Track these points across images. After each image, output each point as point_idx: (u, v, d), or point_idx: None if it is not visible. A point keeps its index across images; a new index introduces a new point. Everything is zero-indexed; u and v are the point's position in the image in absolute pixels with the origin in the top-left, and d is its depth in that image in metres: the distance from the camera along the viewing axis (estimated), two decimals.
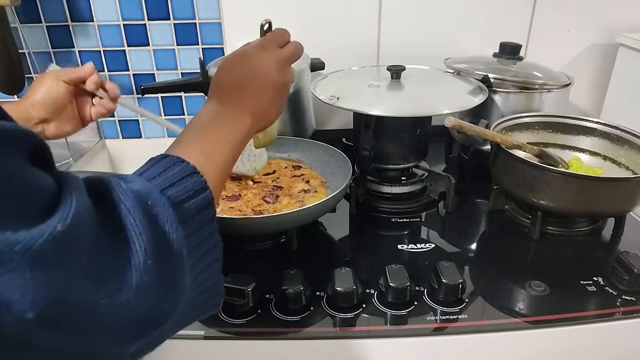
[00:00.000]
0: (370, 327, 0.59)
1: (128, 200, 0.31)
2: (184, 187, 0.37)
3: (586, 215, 0.78)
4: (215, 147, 0.45)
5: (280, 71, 0.54)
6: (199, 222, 0.37)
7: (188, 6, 1.04)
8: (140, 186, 0.33)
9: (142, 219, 0.31)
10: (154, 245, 0.31)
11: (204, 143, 0.45)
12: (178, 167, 0.38)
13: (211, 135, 0.46)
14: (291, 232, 0.73)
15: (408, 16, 1.07)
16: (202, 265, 0.38)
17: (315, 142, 0.91)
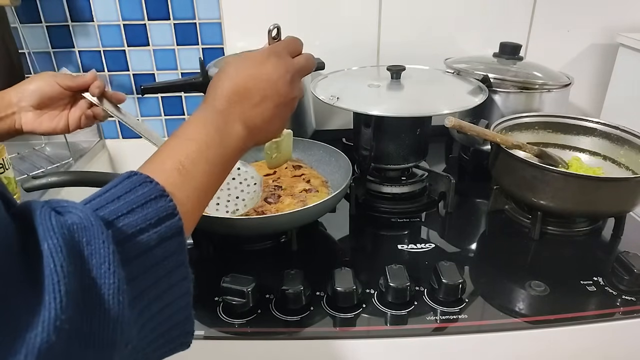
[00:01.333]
0: (370, 327, 0.59)
1: (53, 238, 0.26)
2: (144, 213, 0.32)
3: (586, 215, 0.78)
4: (197, 165, 0.39)
5: (290, 83, 0.48)
6: (160, 255, 0.33)
7: (188, 6, 1.04)
8: (77, 218, 0.29)
9: (65, 263, 0.26)
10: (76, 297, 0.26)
11: (183, 159, 0.39)
12: (144, 188, 0.33)
13: (194, 150, 0.40)
14: (291, 232, 0.73)
15: (408, 16, 1.07)
16: (162, 304, 0.33)
17: (315, 142, 0.91)
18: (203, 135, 0.41)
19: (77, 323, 0.26)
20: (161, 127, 1.16)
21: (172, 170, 0.37)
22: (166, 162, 0.38)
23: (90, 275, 0.27)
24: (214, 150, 0.41)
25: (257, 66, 0.47)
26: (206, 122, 0.43)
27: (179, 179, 0.37)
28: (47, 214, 0.28)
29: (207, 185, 0.40)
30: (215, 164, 0.41)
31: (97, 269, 0.28)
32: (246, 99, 0.45)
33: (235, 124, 0.44)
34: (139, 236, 0.32)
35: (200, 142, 0.41)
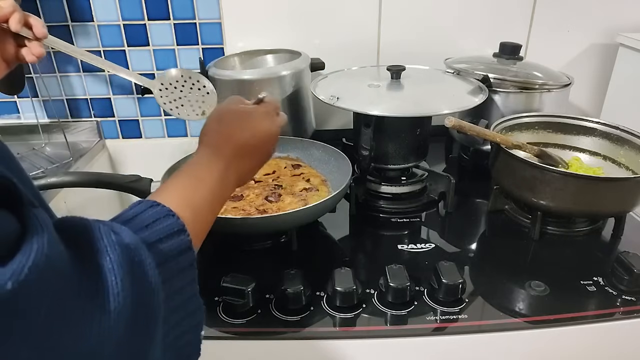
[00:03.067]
0: (370, 327, 0.59)
1: (114, 254, 0.28)
2: (170, 244, 0.35)
3: (586, 215, 0.78)
4: (205, 207, 0.43)
5: (274, 144, 0.55)
6: (179, 285, 0.35)
7: (188, 6, 1.04)
8: (129, 240, 0.31)
9: (124, 278, 0.28)
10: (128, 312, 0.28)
11: (196, 199, 0.42)
12: (167, 221, 0.36)
13: (204, 193, 0.43)
14: (291, 232, 0.73)
15: (408, 16, 1.07)
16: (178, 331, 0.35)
17: (315, 142, 0.91)
18: (211, 179, 0.45)
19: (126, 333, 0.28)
20: (161, 127, 1.16)
21: (185, 206, 0.40)
22: (182, 201, 0.40)
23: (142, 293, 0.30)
24: (217, 194, 0.45)
25: (258, 127, 0.52)
26: (212, 166, 0.47)
27: (191, 217, 0.39)
28: (108, 231, 0.29)
29: (207, 224, 0.44)
30: (215, 205, 0.45)
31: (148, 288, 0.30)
32: (243, 151, 0.50)
33: (233, 175, 0.49)
34: (166, 263, 0.34)
35: (209, 186, 0.44)
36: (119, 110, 1.15)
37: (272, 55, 1.07)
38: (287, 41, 1.06)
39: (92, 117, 1.15)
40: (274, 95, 0.93)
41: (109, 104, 1.14)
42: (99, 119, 1.15)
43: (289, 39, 1.07)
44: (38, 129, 1.10)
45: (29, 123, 1.12)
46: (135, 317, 0.28)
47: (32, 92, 1.10)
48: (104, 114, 1.15)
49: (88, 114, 1.14)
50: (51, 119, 1.13)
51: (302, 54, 0.99)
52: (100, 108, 1.14)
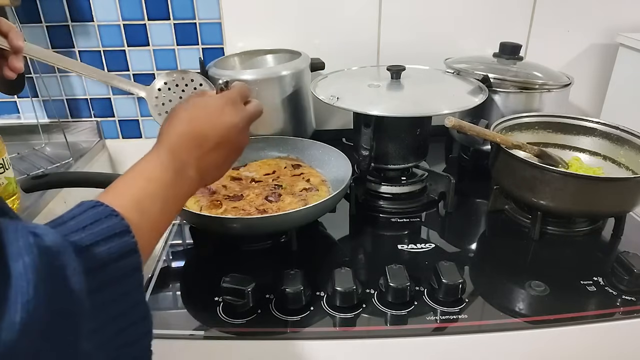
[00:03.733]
0: (370, 327, 0.59)
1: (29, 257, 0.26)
2: (109, 247, 0.32)
3: (586, 215, 0.78)
4: (154, 204, 0.40)
5: (242, 131, 0.51)
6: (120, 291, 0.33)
7: (188, 6, 1.04)
8: (51, 242, 0.28)
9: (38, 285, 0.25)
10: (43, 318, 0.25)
11: (143, 198, 0.39)
12: (109, 221, 0.34)
13: (153, 191, 0.41)
14: (291, 232, 0.73)
15: (408, 16, 1.07)
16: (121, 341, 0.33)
17: (315, 142, 0.91)
18: (161, 177, 0.42)
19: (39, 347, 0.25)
20: None
21: (132, 207, 0.37)
22: (126, 198, 0.38)
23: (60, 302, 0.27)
24: (170, 193, 0.43)
25: (214, 115, 0.48)
26: (164, 164, 0.44)
27: (137, 216, 0.37)
28: (26, 233, 0.27)
29: (159, 225, 0.41)
30: (169, 205, 0.42)
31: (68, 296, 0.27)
32: (202, 146, 0.46)
33: (190, 169, 0.46)
34: (103, 269, 0.31)
35: (159, 184, 0.42)
36: (119, 110, 1.15)
37: (272, 55, 1.07)
38: (287, 41, 1.06)
39: (92, 117, 1.15)
40: (273, 96, 0.93)
41: (109, 104, 1.14)
42: (99, 119, 1.15)
43: (289, 39, 1.07)
44: (38, 129, 1.11)
45: (29, 123, 1.12)
46: (50, 328, 0.26)
47: (32, 92, 1.10)
48: (104, 114, 1.15)
49: (88, 114, 1.14)
50: (51, 119, 1.13)
51: (302, 54, 0.99)
52: (100, 108, 1.14)
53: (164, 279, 0.69)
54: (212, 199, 0.78)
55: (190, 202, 0.77)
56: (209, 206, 0.76)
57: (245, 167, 0.90)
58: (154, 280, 0.68)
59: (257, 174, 0.87)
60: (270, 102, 0.93)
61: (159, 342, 0.58)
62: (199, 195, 0.79)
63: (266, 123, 0.95)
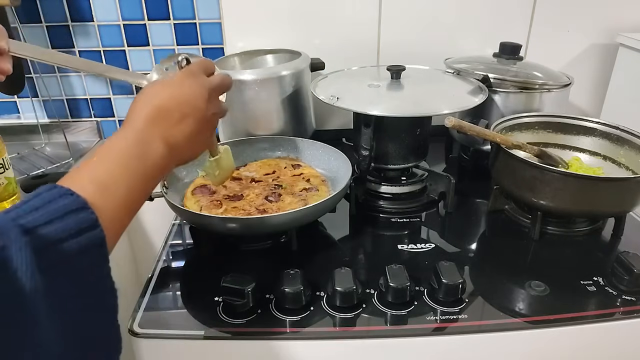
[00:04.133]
0: (370, 327, 0.59)
1: None
2: (64, 224, 0.32)
3: (586, 215, 0.78)
4: (117, 180, 0.39)
5: (208, 100, 0.50)
6: (81, 265, 0.32)
7: (188, 6, 1.04)
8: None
9: None
10: None
11: (104, 177, 0.39)
12: (64, 200, 0.33)
13: (114, 168, 0.40)
14: (291, 232, 0.73)
15: (408, 16, 1.07)
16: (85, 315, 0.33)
17: (315, 142, 0.91)
18: (124, 153, 0.42)
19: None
20: None
21: (92, 186, 0.37)
22: (85, 178, 0.38)
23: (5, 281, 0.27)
24: (135, 169, 0.42)
25: (174, 87, 0.48)
26: (127, 141, 0.43)
27: (99, 195, 0.36)
28: None
29: (128, 202, 0.40)
30: (137, 181, 0.42)
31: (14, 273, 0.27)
32: (166, 118, 0.46)
33: (156, 143, 0.45)
34: (58, 245, 0.31)
35: (121, 160, 0.41)
36: (119, 110, 1.15)
37: (272, 55, 1.07)
38: (287, 41, 1.06)
39: (92, 117, 1.15)
40: (273, 96, 0.93)
41: (109, 104, 1.14)
42: (99, 119, 1.15)
43: (289, 39, 1.07)
44: (38, 129, 1.11)
45: (29, 123, 1.12)
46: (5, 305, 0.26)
47: (32, 92, 1.10)
48: (104, 114, 1.15)
49: (88, 114, 1.14)
50: (51, 119, 1.13)
51: (302, 54, 0.99)
52: (100, 108, 1.14)
53: (164, 279, 0.69)
54: (212, 199, 0.78)
55: (190, 202, 0.77)
56: (209, 206, 0.76)
57: (245, 167, 0.90)
58: (154, 280, 0.68)
59: (257, 173, 0.87)
60: (270, 102, 0.93)
61: (159, 342, 0.59)
62: (199, 195, 0.79)
63: (266, 123, 0.95)
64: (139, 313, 0.61)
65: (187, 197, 0.79)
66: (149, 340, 0.59)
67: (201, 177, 0.85)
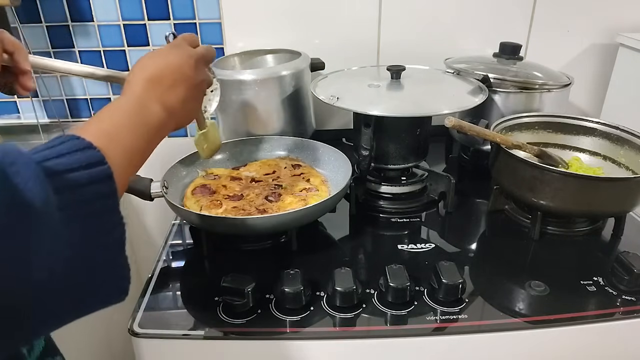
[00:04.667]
0: (370, 327, 0.59)
1: None
2: (75, 158, 0.34)
3: (586, 215, 0.78)
4: (121, 131, 0.43)
5: (195, 68, 0.55)
6: (91, 195, 0.34)
7: (188, 6, 1.04)
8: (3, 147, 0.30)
9: None
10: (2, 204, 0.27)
11: (106, 126, 0.42)
12: (72, 141, 0.36)
13: (117, 121, 0.44)
14: (291, 232, 0.73)
15: (408, 16, 1.07)
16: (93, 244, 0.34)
17: (315, 142, 0.91)
18: (125, 111, 0.46)
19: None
20: None
21: (98, 133, 0.39)
22: (91, 128, 0.40)
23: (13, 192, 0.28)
24: (136, 124, 0.46)
25: (163, 57, 0.53)
26: (128, 103, 0.48)
27: (106, 140, 0.39)
28: None
29: (131, 154, 0.43)
30: (139, 135, 0.45)
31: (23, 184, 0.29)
32: (160, 84, 0.51)
33: (154, 105, 0.49)
34: (69, 173, 0.33)
35: (123, 116, 0.45)
36: None
37: (272, 55, 1.07)
38: (287, 41, 1.06)
39: None
40: (273, 96, 0.93)
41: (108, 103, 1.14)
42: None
43: (289, 39, 1.07)
44: (38, 129, 1.10)
45: (29, 123, 1.12)
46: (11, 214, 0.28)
47: (32, 92, 1.10)
48: None
49: (88, 114, 1.14)
50: (51, 119, 1.13)
51: (302, 54, 0.99)
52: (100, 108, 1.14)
53: (164, 279, 0.69)
54: (212, 199, 0.78)
55: (190, 202, 0.77)
56: (209, 206, 0.76)
57: (245, 167, 0.90)
58: (154, 280, 0.68)
59: (257, 173, 0.87)
60: (270, 102, 0.93)
61: (159, 342, 0.59)
62: (199, 195, 0.79)
63: (266, 123, 0.95)
64: (139, 313, 0.61)
65: (187, 196, 0.79)
66: (149, 340, 0.59)
67: (201, 177, 0.85)
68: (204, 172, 0.87)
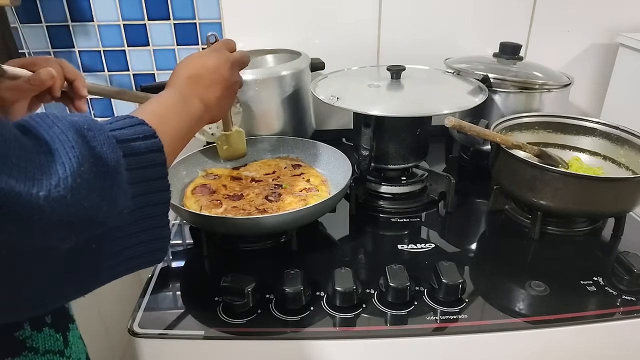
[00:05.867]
0: (370, 327, 0.59)
1: (61, 124, 0.33)
2: (133, 130, 0.40)
3: (586, 215, 0.78)
4: (168, 115, 0.50)
5: (230, 70, 0.62)
6: (146, 161, 0.40)
7: (188, 6, 1.04)
8: (78, 118, 0.35)
9: (75, 137, 0.32)
10: (88, 158, 0.32)
11: (156, 110, 0.49)
12: (128, 119, 0.42)
13: (165, 107, 0.51)
14: (291, 232, 0.73)
15: (408, 16, 1.07)
16: (146, 201, 0.40)
17: (315, 142, 0.91)
18: (170, 100, 0.53)
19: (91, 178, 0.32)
20: None
21: (150, 115, 0.45)
22: (143, 112, 0.46)
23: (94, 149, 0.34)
24: (180, 113, 0.52)
25: (203, 59, 0.61)
26: (172, 95, 0.54)
27: (157, 121, 0.44)
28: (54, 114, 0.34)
29: (176, 136, 0.49)
30: (182, 124, 0.52)
31: (100, 145, 0.34)
32: (199, 82, 0.58)
33: (195, 100, 0.56)
34: (129, 142, 0.39)
35: (169, 103, 0.52)
36: (119, 110, 1.15)
37: (272, 55, 1.07)
38: (287, 41, 1.06)
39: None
40: (273, 96, 0.93)
41: (109, 104, 1.14)
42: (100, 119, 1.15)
43: (289, 39, 1.07)
44: None
45: None
46: (96, 166, 0.33)
47: None
48: (105, 114, 1.15)
49: (88, 113, 1.14)
50: None
51: (302, 54, 0.99)
52: (100, 108, 1.14)
53: (164, 279, 0.69)
54: (212, 198, 0.78)
55: (190, 202, 0.77)
56: (209, 206, 0.76)
57: (245, 167, 0.90)
58: (154, 280, 0.68)
59: (257, 173, 0.87)
60: (270, 102, 0.93)
61: (159, 342, 0.59)
62: (199, 195, 0.79)
63: (266, 123, 0.95)
64: (139, 313, 0.61)
65: (187, 196, 0.79)
66: (149, 340, 0.59)
67: (201, 177, 0.85)
68: (204, 172, 0.87)
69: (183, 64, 0.61)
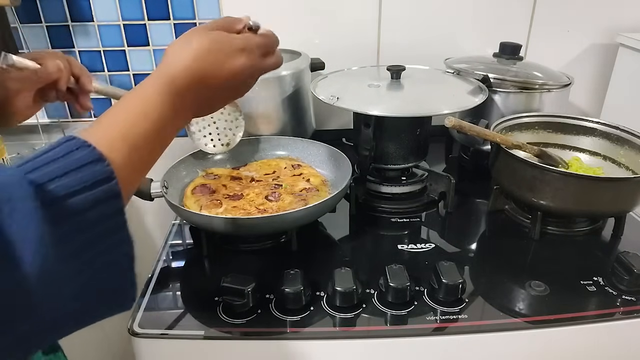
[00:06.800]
0: (370, 327, 0.59)
1: None
2: (80, 176, 0.32)
3: (586, 215, 0.78)
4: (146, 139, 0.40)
5: (248, 81, 0.49)
6: (95, 217, 0.33)
7: (188, 6, 1.04)
8: (2, 178, 0.29)
9: None
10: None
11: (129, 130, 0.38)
12: (81, 152, 0.33)
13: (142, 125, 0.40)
14: (291, 232, 0.73)
15: (408, 16, 1.07)
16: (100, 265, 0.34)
17: (315, 142, 0.91)
18: (153, 118, 0.41)
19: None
20: None
21: (119, 136, 0.37)
22: (115, 130, 0.38)
23: (9, 231, 0.27)
24: (163, 137, 0.42)
25: (225, 55, 0.46)
26: (164, 100, 0.42)
27: (125, 148, 0.37)
28: None
29: (149, 158, 0.41)
30: (160, 144, 0.42)
31: (18, 224, 0.28)
32: (204, 87, 0.45)
33: (189, 111, 0.45)
34: (72, 197, 0.31)
35: (150, 124, 0.40)
36: None
37: None
38: (287, 41, 1.06)
39: (92, 117, 1.15)
40: (273, 96, 0.93)
41: (109, 104, 1.14)
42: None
43: (289, 39, 1.07)
44: (38, 128, 1.10)
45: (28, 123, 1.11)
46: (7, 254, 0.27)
47: None
48: None
49: (88, 113, 1.14)
50: (51, 119, 1.13)
51: (302, 54, 0.99)
52: (100, 108, 1.14)
53: (164, 279, 0.69)
54: (212, 198, 0.78)
55: (190, 202, 0.77)
56: (208, 205, 0.76)
57: (245, 167, 0.90)
58: (154, 280, 0.68)
59: (257, 173, 0.87)
60: (270, 102, 0.93)
61: (159, 342, 0.59)
62: (199, 195, 0.79)
63: (266, 123, 0.95)
64: (139, 313, 0.61)
65: (187, 196, 0.79)
66: (149, 340, 0.59)
67: (201, 177, 0.85)
68: (203, 172, 0.87)
69: (196, 47, 0.46)
